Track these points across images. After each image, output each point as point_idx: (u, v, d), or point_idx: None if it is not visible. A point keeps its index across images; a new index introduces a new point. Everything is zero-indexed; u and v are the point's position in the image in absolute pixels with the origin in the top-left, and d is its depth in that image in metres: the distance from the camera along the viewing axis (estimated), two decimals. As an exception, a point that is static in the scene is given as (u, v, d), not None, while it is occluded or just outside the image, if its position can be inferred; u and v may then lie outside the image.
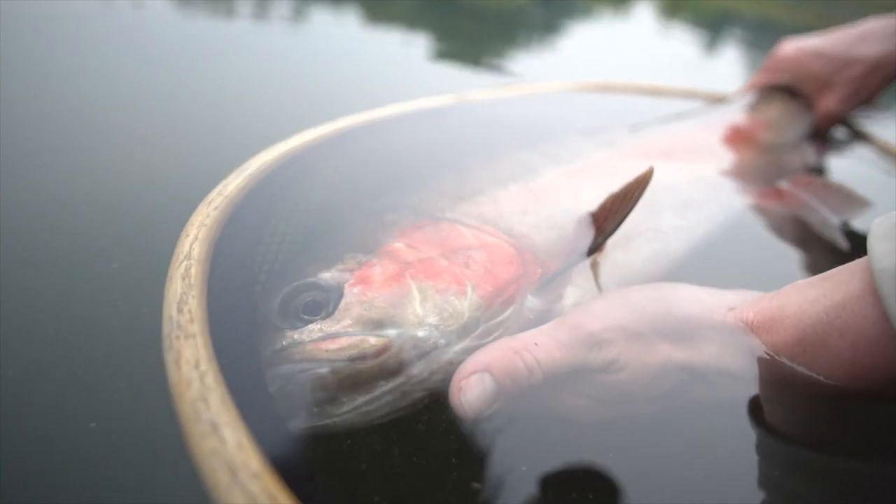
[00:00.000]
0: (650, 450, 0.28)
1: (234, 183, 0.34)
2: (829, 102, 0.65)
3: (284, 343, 0.27)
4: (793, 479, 0.27)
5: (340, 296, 0.28)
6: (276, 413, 0.25)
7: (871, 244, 0.25)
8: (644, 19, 2.32)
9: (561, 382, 0.27)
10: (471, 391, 0.25)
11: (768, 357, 0.27)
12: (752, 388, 0.27)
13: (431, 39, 1.21)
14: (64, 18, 0.86)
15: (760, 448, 0.27)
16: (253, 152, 0.38)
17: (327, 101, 0.77)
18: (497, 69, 1.10)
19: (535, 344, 0.26)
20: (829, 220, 0.51)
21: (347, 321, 0.28)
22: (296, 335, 0.27)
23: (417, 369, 0.27)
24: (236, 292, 0.29)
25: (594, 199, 0.35)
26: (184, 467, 0.21)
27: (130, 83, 0.70)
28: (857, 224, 0.53)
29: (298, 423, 0.25)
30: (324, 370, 0.26)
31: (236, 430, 0.21)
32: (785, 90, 0.67)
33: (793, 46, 0.67)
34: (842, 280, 0.26)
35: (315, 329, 0.27)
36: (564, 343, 0.27)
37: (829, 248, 0.48)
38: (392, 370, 0.27)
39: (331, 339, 0.27)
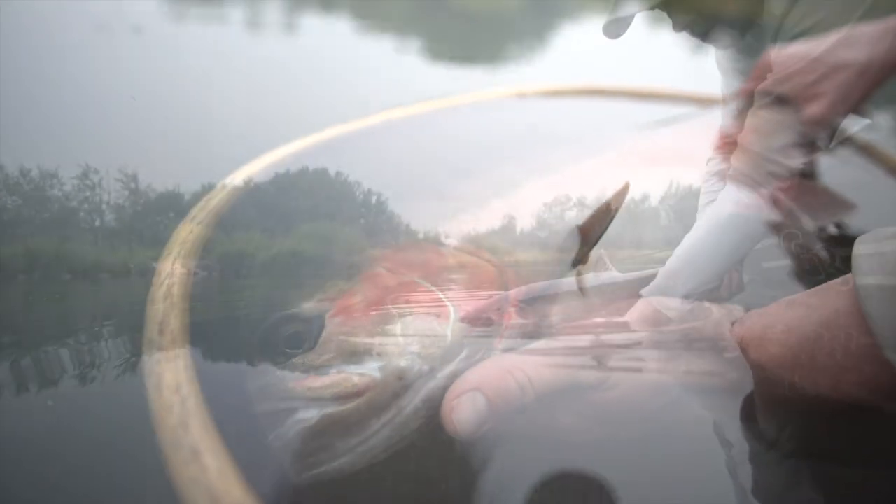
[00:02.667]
0: (645, 467, 0.27)
1: (217, 197, 0.34)
2: (816, 109, 0.65)
3: (268, 380, 0.26)
4: (787, 489, 0.27)
5: (322, 327, 0.28)
6: (260, 438, 0.24)
7: (856, 261, 0.25)
8: (636, 20, 2.32)
9: (554, 401, 0.27)
10: (463, 410, 0.25)
11: (759, 372, 0.27)
12: (745, 402, 0.28)
13: (422, 43, 1.20)
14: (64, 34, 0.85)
15: (754, 460, 0.27)
16: (239, 164, 0.38)
17: (316, 109, 0.77)
18: (489, 72, 1.09)
19: (527, 362, 0.26)
20: (815, 226, 0.51)
21: (329, 354, 0.27)
22: (278, 371, 0.27)
23: (407, 400, 0.27)
24: (220, 310, 0.29)
25: (577, 212, 0.34)
26: (168, 495, 0.21)
27: (123, 93, 0.69)
28: (844, 230, 0.53)
29: (295, 474, 0.24)
30: (311, 414, 0.25)
31: (217, 456, 0.20)
32: (772, 97, 0.67)
33: (780, 53, 0.67)
34: (828, 297, 0.26)
35: (298, 363, 0.27)
36: (557, 361, 0.27)
37: (816, 256, 0.48)
38: (381, 405, 0.26)
39: (313, 376, 0.26)
